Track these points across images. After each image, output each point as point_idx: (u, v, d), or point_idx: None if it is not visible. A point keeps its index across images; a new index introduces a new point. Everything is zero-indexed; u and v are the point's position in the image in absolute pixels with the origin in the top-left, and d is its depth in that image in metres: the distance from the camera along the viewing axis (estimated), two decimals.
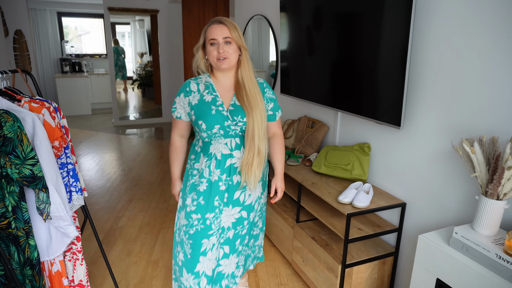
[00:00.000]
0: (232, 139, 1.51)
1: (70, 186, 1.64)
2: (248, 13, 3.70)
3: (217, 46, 1.44)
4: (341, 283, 1.84)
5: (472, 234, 1.29)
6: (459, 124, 1.56)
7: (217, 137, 1.50)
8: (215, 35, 1.43)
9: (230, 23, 1.45)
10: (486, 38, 1.41)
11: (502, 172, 1.20)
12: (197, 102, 1.50)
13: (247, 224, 1.62)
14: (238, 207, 1.57)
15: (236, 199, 1.56)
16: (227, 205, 1.55)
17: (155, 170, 4.24)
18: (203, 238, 1.52)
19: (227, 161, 1.51)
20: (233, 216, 1.57)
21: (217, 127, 1.47)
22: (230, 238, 1.58)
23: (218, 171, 1.51)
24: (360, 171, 2.06)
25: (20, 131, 1.31)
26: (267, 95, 1.57)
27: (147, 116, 7.05)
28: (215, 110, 1.47)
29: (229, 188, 1.54)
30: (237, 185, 1.54)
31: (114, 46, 8.44)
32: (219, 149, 1.51)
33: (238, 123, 1.47)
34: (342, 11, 2.08)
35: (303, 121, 2.72)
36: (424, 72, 1.70)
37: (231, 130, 1.48)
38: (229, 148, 1.51)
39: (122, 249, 2.59)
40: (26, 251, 1.41)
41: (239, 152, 1.52)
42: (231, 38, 1.44)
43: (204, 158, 1.54)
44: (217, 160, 1.51)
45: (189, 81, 1.54)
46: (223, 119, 1.46)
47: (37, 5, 7.30)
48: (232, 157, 1.52)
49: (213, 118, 1.46)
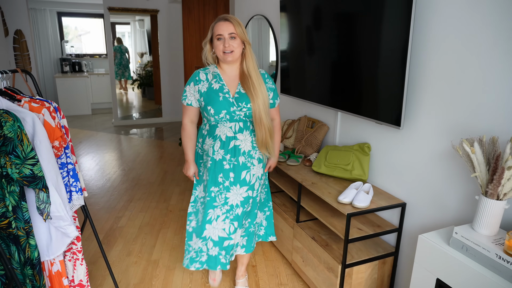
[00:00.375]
0: (237, 123, 1.71)
1: (70, 186, 1.64)
2: (248, 13, 3.70)
3: (223, 41, 1.63)
4: (341, 283, 1.84)
5: (472, 234, 1.29)
6: (459, 124, 1.56)
7: (223, 121, 1.70)
8: (222, 31, 1.62)
9: (235, 20, 1.64)
10: (486, 38, 1.41)
11: (502, 172, 1.20)
12: (206, 89, 1.70)
13: (252, 203, 1.83)
14: (245, 187, 1.77)
15: (243, 179, 1.76)
16: (235, 184, 1.75)
17: (155, 170, 4.24)
18: (209, 209, 1.76)
19: (231, 143, 1.71)
20: (241, 195, 1.77)
21: (224, 112, 1.67)
22: (239, 215, 1.79)
23: (222, 151, 1.72)
24: (360, 171, 2.06)
25: (20, 131, 1.31)
26: (268, 85, 1.78)
27: (147, 116, 7.05)
28: (222, 97, 1.67)
29: (235, 168, 1.74)
30: (243, 166, 1.74)
31: (118, 45, 8.44)
32: (224, 131, 1.71)
33: (242, 109, 1.68)
34: (342, 11, 2.08)
35: (303, 121, 2.72)
36: (424, 72, 1.70)
37: (236, 115, 1.69)
38: (233, 131, 1.71)
39: (122, 249, 2.59)
40: (26, 250, 1.41)
41: (241, 135, 1.72)
42: (236, 34, 1.63)
43: (210, 139, 1.75)
44: (221, 141, 1.71)
45: (198, 71, 1.73)
46: (229, 105, 1.67)
47: (37, 5, 7.30)
48: (236, 139, 1.72)
49: (221, 104, 1.66)
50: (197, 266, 1.88)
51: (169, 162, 4.52)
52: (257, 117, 1.68)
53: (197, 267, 1.88)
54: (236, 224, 1.80)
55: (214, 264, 1.84)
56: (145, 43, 8.92)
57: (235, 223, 1.80)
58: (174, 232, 2.83)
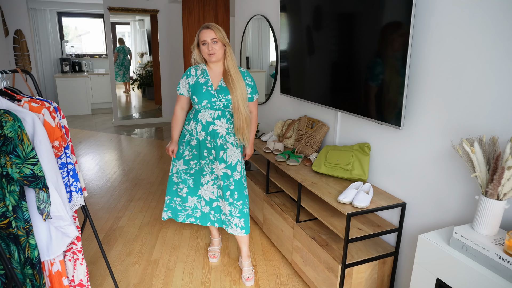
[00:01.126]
0: (216, 111, 2.05)
1: (70, 186, 1.64)
2: (248, 13, 3.70)
3: (207, 45, 1.97)
4: (341, 283, 1.84)
5: (472, 234, 1.29)
6: (459, 124, 1.56)
7: (205, 108, 2.05)
8: (205, 37, 1.96)
9: (215, 27, 1.98)
10: (486, 38, 1.41)
11: (502, 172, 1.20)
12: (193, 82, 2.07)
13: (233, 181, 2.12)
14: (223, 164, 2.10)
15: (221, 157, 2.09)
16: (216, 159, 2.10)
17: (155, 170, 4.24)
18: (200, 175, 2.17)
19: (210, 127, 2.05)
20: (221, 170, 2.11)
21: (205, 101, 2.02)
22: (221, 186, 2.13)
23: (203, 133, 2.07)
24: (360, 171, 2.06)
25: (21, 131, 1.31)
26: (246, 82, 2.09)
27: (147, 116, 7.05)
28: (206, 89, 2.03)
29: (215, 147, 2.08)
30: (221, 147, 2.07)
31: (120, 45, 8.43)
32: (204, 117, 2.05)
33: (221, 100, 2.01)
34: (342, 11, 2.08)
35: (303, 121, 2.72)
36: (424, 72, 1.70)
37: (216, 104, 2.02)
38: (212, 117, 2.05)
39: (122, 249, 2.59)
40: (26, 250, 1.41)
41: (219, 121, 2.05)
42: (217, 38, 1.97)
43: (193, 122, 2.09)
44: (202, 124, 2.06)
45: (190, 68, 2.11)
46: (210, 96, 2.02)
47: (37, 5, 7.30)
48: (214, 124, 2.05)
49: (203, 94, 2.02)
50: (192, 220, 2.28)
51: (169, 162, 4.52)
52: (235, 107, 2.00)
53: (192, 221, 2.28)
54: (220, 193, 2.17)
55: (205, 220, 2.26)
56: (145, 43, 8.92)
57: (219, 191, 2.17)
58: (174, 232, 2.83)
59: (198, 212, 2.26)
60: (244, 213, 2.18)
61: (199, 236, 2.78)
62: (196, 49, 2.05)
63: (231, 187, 2.12)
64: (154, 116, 6.98)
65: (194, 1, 5.12)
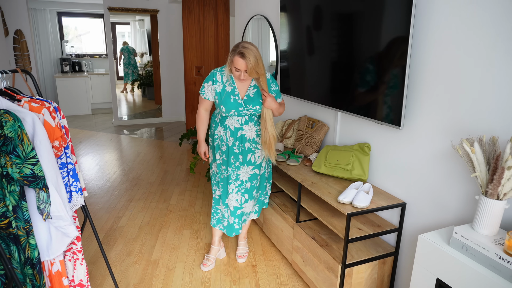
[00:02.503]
0: (243, 117, 2.09)
1: (70, 186, 1.64)
2: (248, 13, 3.70)
3: (239, 73, 1.94)
4: (341, 283, 1.84)
5: (472, 234, 1.29)
6: (459, 124, 1.56)
7: (232, 116, 2.08)
8: (239, 66, 1.91)
9: (250, 57, 1.87)
10: (486, 38, 1.41)
11: (502, 172, 1.20)
12: (220, 90, 2.06)
13: (260, 179, 2.24)
14: (251, 166, 2.18)
15: (249, 160, 2.16)
16: (243, 164, 2.16)
17: (155, 170, 4.24)
18: (227, 184, 2.20)
19: (239, 132, 2.11)
20: (248, 172, 2.18)
21: (233, 110, 2.05)
22: (248, 188, 2.21)
23: (232, 139, 2.11)
24: (360, 171, 2.06)
25: (21, 131, 1.31)
26: (272, 88, 2.12)
27: (147, 116, 7.05)
28: (233, 99, 2.04)
29: (243, 152, 2.14)
30: (249, 150, 2.14)
31: (124, 45, 8.47)
32: (232, 123, 2.09)
33: (249, 110, 2.06)
34: (342, 11, 2.08)
35: (303, 121, 2.72)
36: (424, 72, 1.70)
37: (243, 113, 2.07)
38: (239, 123, 2.10)
39: (122, 249, 2.59)
40: (26, 250, 1.41)
41: (247, 126, 2.11)
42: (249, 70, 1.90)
43: (222, 127, 2.12)
44: (231, 131, 2.10)
45: (215, 73, 2.07)
46: (237, 106, 2.05)
47: (37, 5, 7.30)
48: (242, 129, 2.11)
49: (231, 104, 2.04)
50: (221, 227, 2.34)
51: (169, 162, 4.52)
52: (262, 124, 2.06)
53: (221, 228, 2.34)
54: (246, 196, 2.23)
55: (231, 231, 2.31)
56: (145, 43, 8.92)
57: (245, 195, 2.23)
58: (174, 232, 2.83)
59: (226, 221, 2.31)
60: (260, 201, 2.36)
61: (199, 236, 2.78)
62: (228, 68, 2.01)
63: (257, 185, 2.23)
64: (154, 116, 6.98)
65: (194, 1, 5.12)
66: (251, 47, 1.88)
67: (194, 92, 5.46)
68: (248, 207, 2.27)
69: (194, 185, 3.80)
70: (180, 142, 4.28)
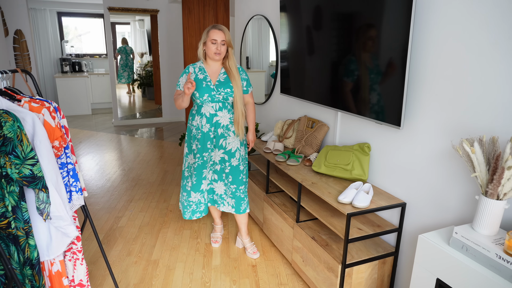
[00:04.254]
0: (216, 104, 2.23)
1: (70, 186, 1.64)
2: (248, 13, 3.70)
3: (216, 45, 2.16)
4: (341, 283, 1.84)
5: (472, 234, 1.29)
6: (459, 124, 1.56)
7: (206, 102, 2.22)
8: (216, 37, 2.15)
9: (225, 30, 2.18)
10: (486, 38, 1.41)
11: (502, 172, 1.20)
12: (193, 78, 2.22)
13: (229, 166, 2.32)
14: (222, 150, 2.30)
15: (220, 144, 2.29)
16: (216, 147, 2.29)
17: (155, 170, 4.24)
18: (203, 169, 2.32)
19: (214, 118, 2.24)
20: (219, 155, 2.31)
21: (206, 95, 2.19)
22: (218, 170, 2.33)
23: (208, 125, 2.25)
24: (360, 171, 2.06)
25: (20, 131, 1.31)
26: (241, 76, 2.30)
27: (147, 116, 7.05)
28: (205, 84, 2.21)
29: (216, 136, 2.27)
30: (221, 135, 2.27)
31: (123, 45, 8.43)
32: (207, 110, 2.23)
33: (221, 93, 2.20)
34: (342, 11, 2.08)
35: (303, 121, 2.72)
36: (424, 72, 1.70)
37: (216, 97, 2.21)
38: (214, 109, 2.24)
39: (122, 249, 2.59)
40: (26, 251, 1.41)
41: (221, 112, 2.24)
42: (225, 41, 2.18)
43: (198, 116, 2.27)
44: (206, 117, 2.24)
45: (189, 66, 2.30)
46: (210, 90, 2.20)
47: (37, 5, 7.30)
48: (217, 115, 2.24)
49: (203, 89, 2.20)
50: (198, 215, 2.42)
51: (169, 162, 4.52)
52: (234, 102, 2.23)
53: (198, 216, 2.42)
54: (216, 177, 2.35)
55: (213, 203, 2.44)
56: (145, 43, 8.92)
57: (215, 175, 2.35)
58: (174, 232, 2.83)
59: (202, 206, 2.41)
60: (236, 196, 2.37)
61: (199, 236, 2.78)
62: (202, 45, 2.22)
63: (226, 170, 2.32)
64: (154, 116, 6.98)
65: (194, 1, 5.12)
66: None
67: None
68: (219, 188, 2.36)
69: None
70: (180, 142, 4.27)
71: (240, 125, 2.25)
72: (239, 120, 2.24)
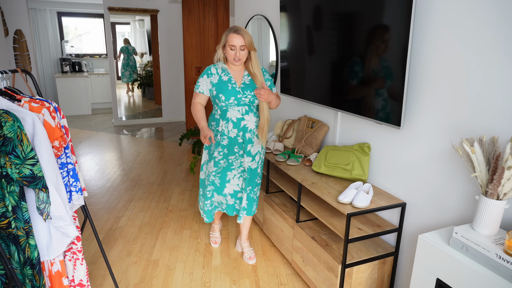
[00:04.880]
0: (243, 107, 2.14)
1: (70, 186, 1.64)
2: (248, 13, 3.70)
3: (235, 51, 2.05)
4: (341, 283, 1.84)
5: (472, 234, 1.29)
6: (459, 124, 1.56)
7: (232, 106, 2.12)
8: (234, 42, 2.02)
9: (245, 32, 2.03)
10: (486, 38, 1.41)
11: (502, 172, 1.20)
12: (217, 81, 2.12)
13: (252, 172, 2.26)
14: (250, 157, 2.22)
15: (248, 151, 2.21)
16: (245, 154, 2.21)
17: (155, 170, 4.24)
18: (227, 171, 2.24)
19: (241, 123, 2.15)
20: (248, 163, 2.23)
21: (232, 98, 2.09)
22: (247, 177, 2.26)
23: (235, 130, 2.16)
24: (360, 171, 2.06)
25: (20, 131, 1.31)
26: (266, 77, 2.22)
27: (147, 116, 7.05)
28: (231, 87, 2.11)
29: (244, 141, 2.19)
30: (249, 140, 2.19)
31: (125, 45, 8.45)
32: (234, 114, 2.14)
33: (247, 96, 2.12)
34: (342, 11, 2.08)
35: (303, 121, 2.72)
36: (424, 72, 1.70)
37: (242, 100, 2.11)
38: (241, 113, 2.14)
39: (122, 249, 2.59)
40: (26, 250, 1.41)
41: (248, 116, 2.15)
42: (245, 46, 2.05)
43: (223, 121, 2.15)
44: (233, 122, 2.14)
45: (210, 67, 2.16)
46: (236, 93, 2.10)
47: (37, 5, 7.30)
48: (244, 119, 2.15)
49: (229, 92, 2.10)
50: (219, 209, 2.40)
51: (169, 162, 4.52)
52: (260, 108, 2.14)
53: (219, 210, 2.40)
54: (244, 185, 2.29)
55: (231, 211, 2.38)
56: (145, 43, 8.92)
57: (243, 183, 2.29)
58: (174, 232, 2.83)
59: (224, 205, 2.38)
60: (250, 197, 2.32)
61: (199, 236, 2.78)
62: (221, 49, 2.11)
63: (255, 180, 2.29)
64: (154, 116, 6.98)
65: (194, 1, 5.12)
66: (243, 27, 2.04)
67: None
68: (244, 195, 2.30)
69: (194, 185, 3.79)
70: (180, 142, 4.28)
71: (265, 132, 2.16)
72: (264, 126, 2.15)
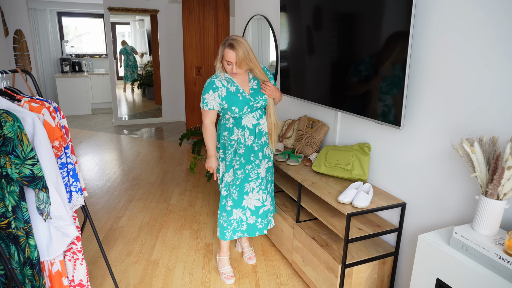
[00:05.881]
0: (256, 112, 2.09)
1: (70, 186, 1.64)
2: (248, 13, 3.70)
3: (231, 66, 1.94)
4: (341, 283, 1.84)
5: (472, 234, 1.29)
6: (459, 124, 1.56)
7: (246, 114, 2.06)
8: (229, 58, 1.91)
9: (239, 45, 1.88)
10: (486, 38, 1.41)
11: (502, 172, 1.20)
12: (225, 94, 2.02)
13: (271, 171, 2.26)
14: (267, 159, 2.19)
15: (265, 154, 2.17)
16: (263, 159, 2.16)
17: (155, 170, 4.24)
18: (245, 183, 2.14)
19: (257, 128, 2.11)
20: (265, 167, 2.18)
21: (245, 107, 2.03)
22: (265, 183, 2.20)
23: (252, 137, 2.10)
24: (360, 171, 2.06)
25: (20, 131, 1.31)
26: (269, 76, 2.13)
27: (147, 116, 7.05)
28: (241, 97, 2.03)
29: (261, 147, 2.14)
30: (265, 143, 2.15)
31: (123, 46, 8.46)
32: (249, 121, 2.08)
33: (259, 101, 2.07)
34: (342, 11, 2.08)
35: (303, 121, 2.72)
36: (424, 72, 1.70)
37: (254, 107, 2.06)
38: (256, 119, 2.10)
39: (122, 249, 2.59)
40: (26, 250, 1.41)
41: (262, 119, 2.13)
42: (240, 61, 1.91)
43: (239, 130, 2.08)
44: (249, 129, 2.09)
45: (213, 80, 2.03)
46: (248, 101, 2.04)
47: (37, 5, 7.30)
48: (259, 124, 2.11)
49: (241, 102, 2.02)
50: (239, 234, 2.24)
51: (169, 162, 4.52)
52: (267, 113, 2.11)
53: (239, 235, 2.24)
54: (266, 193, 2.22)
55: (253, 231, 2.24)
56: (145, 43, 8.91)
57: (265, 192, 2.21)
58: (174, 232, 2.83)
59: (244, 225, 2.21)
60: (272, 196, 2.31)
61: (199, 236, 2.78)
62: (219, 63, 2.00)
63: (270, 178, 2.26)
64: (154, 116, 6.98)
65: (194, 1, 5.12)
66: (240, 39, 1.89)
67: (194, 92, 5.46)
68: (268, 204, 2.23)
69: (194, 185, 3.80)
70: (180, 142, 4.28)
71: (274, 137, 2.12)
72: (272, 131, 2.11)
